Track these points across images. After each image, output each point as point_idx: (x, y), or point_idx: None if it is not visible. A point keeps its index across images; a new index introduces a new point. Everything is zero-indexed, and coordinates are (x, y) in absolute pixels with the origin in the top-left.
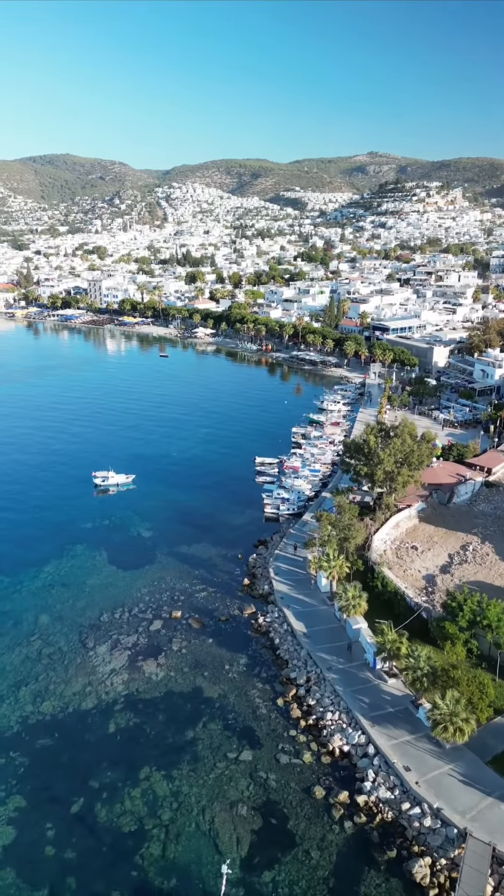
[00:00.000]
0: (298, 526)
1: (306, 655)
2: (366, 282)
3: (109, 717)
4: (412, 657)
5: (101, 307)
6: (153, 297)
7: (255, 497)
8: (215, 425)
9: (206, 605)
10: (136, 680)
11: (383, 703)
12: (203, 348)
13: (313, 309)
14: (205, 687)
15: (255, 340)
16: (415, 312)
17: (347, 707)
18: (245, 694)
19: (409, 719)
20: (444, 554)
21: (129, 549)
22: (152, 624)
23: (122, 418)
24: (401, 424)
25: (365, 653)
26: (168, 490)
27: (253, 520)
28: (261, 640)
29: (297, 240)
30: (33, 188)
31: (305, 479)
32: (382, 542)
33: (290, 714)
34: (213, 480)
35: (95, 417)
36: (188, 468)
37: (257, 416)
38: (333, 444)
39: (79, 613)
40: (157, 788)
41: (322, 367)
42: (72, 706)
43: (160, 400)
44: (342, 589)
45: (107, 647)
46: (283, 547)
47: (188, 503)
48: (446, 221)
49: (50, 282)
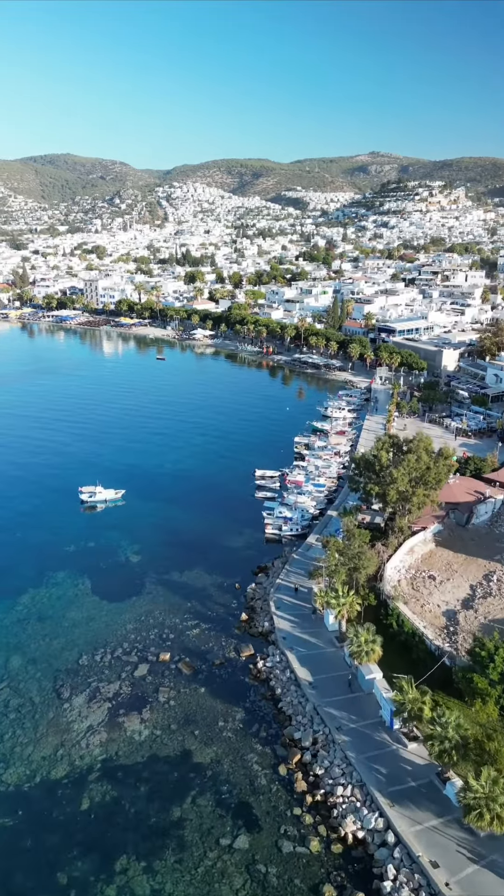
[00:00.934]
0: (302, 550)
1: (312, 710)
2: (370, 281)
3: (83, 788)
4: (438, 724)
5: (97, 308)
6: (151, 297)
7: (255, 515)
8: (213, 434)
9: (199, 646)
10: (115, 741)
11: (403, 774)
12: (202, 350)
13: (316, 310)
14: (195, 750)
15: (256, 342)
16: (421, 313)
17: (361, 779)
18: (242, 759)
19: (435, 796)
20: (465, 585)
21: (116, 576)
22: (137, 669)
23: (114, 426)
24: (415, 438)
25: (380, 709)
26: (160, 506)
27: (252, 541)
28: (260, 689)
29: (299, 239)
30: (34, 188)
31: (309, 495)
32: (396, 571)
33: (293, 786)
34: (210, 496)
35: (86, 425)
36: (183, 481)
37: (258, 423)
38: (339, 456)
39: (55, 655)
40: (136, 886)
41: (325, 371)
42: (40, 775)
43: (155, 406)
44: (353, 632)
45: (84, 698)
46: (286, 575)
47: (182, 522)
48: (449, 221)
49: (45, 282)
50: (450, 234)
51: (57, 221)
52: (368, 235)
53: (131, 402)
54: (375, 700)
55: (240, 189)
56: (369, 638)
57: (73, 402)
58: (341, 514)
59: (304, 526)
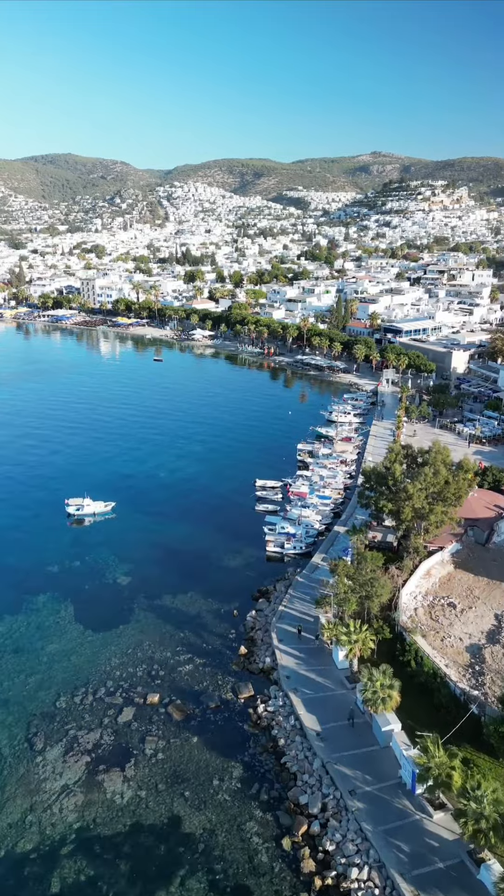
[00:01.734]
0: (307, 571)
1: (320, 768)
2: (374, 281)
3: (55, 865)
4: (472, 797)
5: (94, 307)
6: (149, 296)
7: (255, 530)
8: (211, 440)
9: (192, 685)
10: (94, 804)
11: (429, 851)
12: (201, 351)
13: (319, 309)
14: (185, 816)
15: (257, 343)
16: (428, 313)
17: (380, 859)
18: (239, 828)
19: (467, 881)
20: (489, 614)
21: (102, 601)
22: (122, 713)
23: (106, 431)
24: (432, 449)
25: (400, 768)
26: (152, 521)
27: (252, 560)
28: (261, 738)
29: (301, 239)
30: (34, 187)
31: (314, 508)
32: (412, 598)
33: (300, 865)
34: (206, 509)
35: (76, 431)
36: (177, 493)
37: (258, 428)
38: (345, 465)
39: (30, 696)
40: None
41: (329, 373)
42: (4, 847)
43: (150, 410)
44: (367, 675)
45: (60, 750)
46: (289, 601)
47: (175, 537)
48: (452, 220)
49: (42, 280)
50: (453, 233)
51: (57, 221)
52: (371, 234)
53: (125, 407)
54: (393, 756)
55: (241, 189)
56: (386, 682)
57: (64, 406)
58: (350, 532)
59: (308, 543)
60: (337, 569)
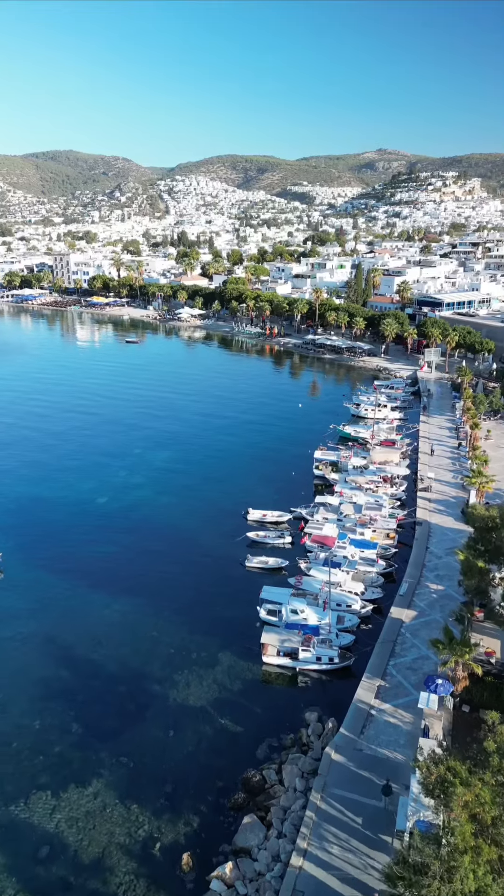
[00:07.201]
0: (350, 732)
1: None
2: (395, 255)
3: None
4: None
5: (68, 287)
6: (131, 273)
7: (242, 614)
8: (185, 447)
9: None
10: None
11: None
12: (189, 333)
13: (332, 285)
14: None
15: (257, 322)
16: (472, 285)
17: None
18: None
19: None
20: None
21: None
22: None
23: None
24: None
25: None
26: (67, 590)
27: (233, 687)
28: None
29: (306, 229)
30: (34, 183)
31: (350, 567)
32: None
33: None
34: (163, 563)
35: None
36: (120, 533)
37: (258, 429)
38: (392, 484)
39: None
40: None
41: (349, 356)
42: None
43: (107, 408)
44: None
45: None
46: (317, 840)
47: (97, 630)
48: (465, 210)
49: (11, 256)
50: (467, 223)
51: (54, 214)
52: (380, 225)
53: (73, 405)
54: None
55: (244, 184)
56: None
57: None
58: (440, 648)
59: (344, 646)
60: (424, 773)
